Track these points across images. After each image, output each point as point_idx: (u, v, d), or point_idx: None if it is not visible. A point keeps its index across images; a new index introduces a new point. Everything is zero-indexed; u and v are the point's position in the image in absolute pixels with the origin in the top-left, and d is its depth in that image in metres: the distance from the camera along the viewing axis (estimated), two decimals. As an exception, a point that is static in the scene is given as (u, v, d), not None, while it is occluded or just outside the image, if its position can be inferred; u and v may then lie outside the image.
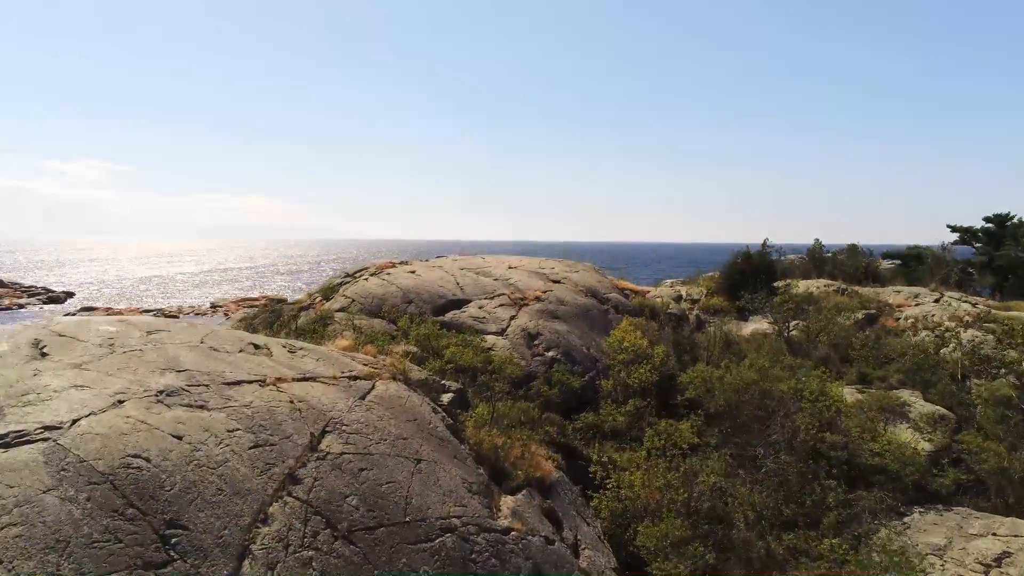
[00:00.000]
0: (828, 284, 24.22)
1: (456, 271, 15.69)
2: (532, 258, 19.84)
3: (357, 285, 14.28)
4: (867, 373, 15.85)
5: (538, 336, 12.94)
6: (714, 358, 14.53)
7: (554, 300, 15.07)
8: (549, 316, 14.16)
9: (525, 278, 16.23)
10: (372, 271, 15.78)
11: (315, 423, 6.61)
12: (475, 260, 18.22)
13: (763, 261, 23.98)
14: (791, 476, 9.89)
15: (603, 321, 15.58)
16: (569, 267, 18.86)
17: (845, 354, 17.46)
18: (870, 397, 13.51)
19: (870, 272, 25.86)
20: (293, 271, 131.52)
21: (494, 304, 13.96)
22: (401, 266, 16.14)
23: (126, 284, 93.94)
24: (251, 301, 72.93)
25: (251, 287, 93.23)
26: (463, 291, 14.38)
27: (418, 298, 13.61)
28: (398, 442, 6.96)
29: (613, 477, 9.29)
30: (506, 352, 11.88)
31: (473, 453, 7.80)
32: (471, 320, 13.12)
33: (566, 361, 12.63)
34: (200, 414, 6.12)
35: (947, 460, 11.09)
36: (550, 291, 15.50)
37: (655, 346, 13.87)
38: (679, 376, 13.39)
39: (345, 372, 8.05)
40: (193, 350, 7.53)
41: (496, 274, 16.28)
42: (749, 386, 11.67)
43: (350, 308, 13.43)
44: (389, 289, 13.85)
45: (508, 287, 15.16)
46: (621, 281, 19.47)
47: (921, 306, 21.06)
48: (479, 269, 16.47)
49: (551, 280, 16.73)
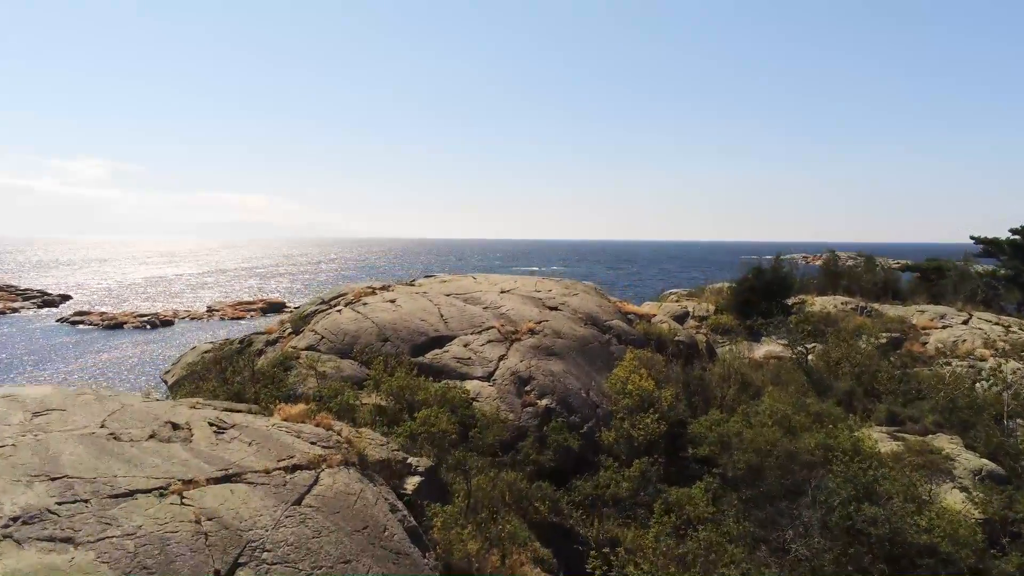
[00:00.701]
0: (846, 302, 22.54)
1: (441, 299, 14.06)
2: (528, 278, 18.21)
3: (329, 319, 12.65)
4: (897, 412, 14.21)
5: (530, 380, 11.32)
6: (728, 400, 12.90)
7: (550, 332, 13.44)
8: (544, 353, 12.53)
9: (518, 305, 14.60)
10: (349, 298, 14.16)
11: (224, 554, 5.00)
12: (465, 282, 16.59)
13: (776, 277, 22.32)
14: (826, 565, 8.29)
15: (605, 354, 13.94)
16: (568, 289, 17.23)
17: (870, 386, 15.82)
18: (907, 448, 11.86)
19: (889, 287, 24.16)
20: (292, 272, 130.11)
21: (482, 340, 12.34)
22: (381, 293, 14.50)
23: (123, 286, 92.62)
24: (247, 304, 71.56)
25: (249, 289, 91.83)
26: (447, 325, 12.76)
27: (395, 335, 11.99)
28: (338, 569, 5.37)
29: (615, 570, 7.71)
30: (492, 404, 10.27)
31: (440, 564, 6.23)
32: (454, 362, 11.50)
33: (562, 409, 11.02)
34: (60, 556, 4.52)
35: (1007, 537, 9.46)
36: (546, 321, 13.87)
37: (662, 388, 12.26)
38: (690, 423, 11.79)
39: (283, 460, 6.45)
40: (85, 441, 5.92)
41: (486, 301, 14.65)
42: (772, 445, 10.07)
43: (319, 346, 11.82)
44: (363, 325, 12.23)
45: (499, 318, 13.54)
46: (624, 304, 17.82)
47: (949, 329, 19.38)
48: (467, 296, 14.83)
49: (547, 307, 15.10)
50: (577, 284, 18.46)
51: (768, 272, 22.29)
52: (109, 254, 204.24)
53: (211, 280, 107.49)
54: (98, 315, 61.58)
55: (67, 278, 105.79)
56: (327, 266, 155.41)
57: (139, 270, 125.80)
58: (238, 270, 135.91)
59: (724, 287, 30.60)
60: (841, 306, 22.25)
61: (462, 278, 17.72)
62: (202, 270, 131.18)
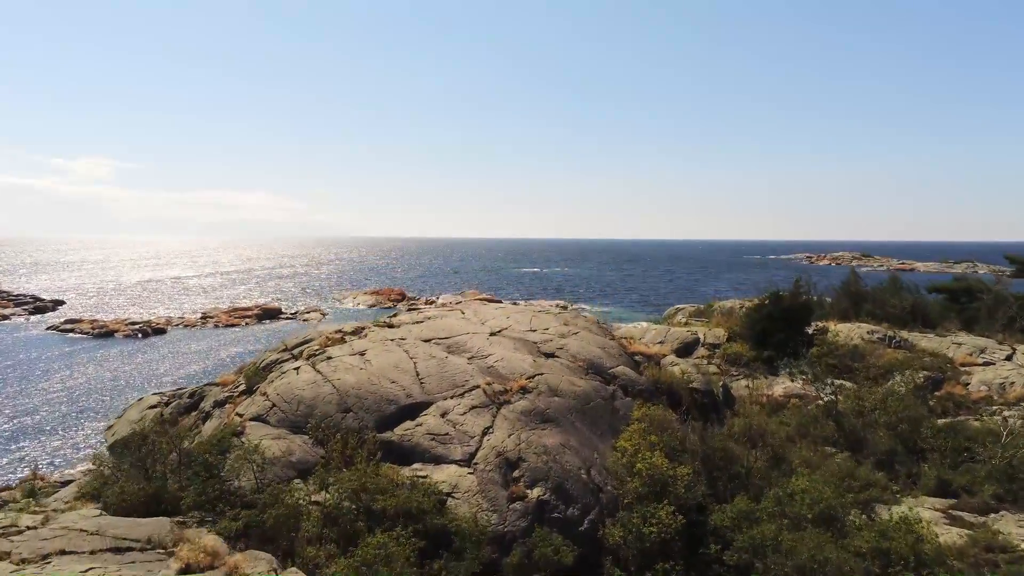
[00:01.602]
0: (872, 330, 20.44)
1: (420, 349, 12.02)
2: (524, 312, 16.19)
3: (284, 380, 10.62)
4: (949, 480, 12.18)
5: (519, 463, 9.30)
6: (756, 475, 10.85)
7: (545, 389, 11.42)
8: (537, 419, 10.51)
9: (509, 353, 12.58)
10: (314, 347, 12.14)
11: None
12: (450, 321, 14.54)
13: (795, 304, 20.20)
14: None
15: (608, 414, 11.92)
16: (567, 326, 15.20)
17: (912, 442, 13.78)
18: (972, 541, 9.83)
19: (918, 312, 22.04)
20: (290, 274, 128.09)
21: (463, 406, 10.32)
22: (351, 340, 12.47)
23: (118, 290, 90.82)
24: (243, 311, 69.66)
25: (246, 293, 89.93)
26: (423, 386, 10.74)
27: (359, 405, 9.99)
28: None
29: None
30: (471, 502, 8.25)
31: None
32: (427, 440, 9.49)
33: (557, 500, 9.00)
34: None
35: None
36: (540, 375, 11.84)
37: (677, 462, 10.25)
38: (711, 510, 9.79)
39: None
40: None
41: (473, 348, 12.63)
42: (817, 553, 8.06)
43: (268, 417, 9.83)
44: (322, 390, 10.22)
45: (485, 373, 11.52)
46: (630, 342, 15.78)
47: (992, 367, 17.28)
48: (451, 342, 12.81)
49: (542, 354, 13.08)
50: (578, 319, 16.43)
51: (786, 298, 20.18)
52: (107, 255, 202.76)
53: (207, 283, 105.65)
54: (89, 323, 59.74)
55: (62, 281, 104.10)
56: (326, 268, 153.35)
57: (135, 273, 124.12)
58: (235, 272, 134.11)
59: (735, 307, 28.54)
60: (867, 336, 20.15)
61: (448, 313, 15.70)
62: (199, 272, 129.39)
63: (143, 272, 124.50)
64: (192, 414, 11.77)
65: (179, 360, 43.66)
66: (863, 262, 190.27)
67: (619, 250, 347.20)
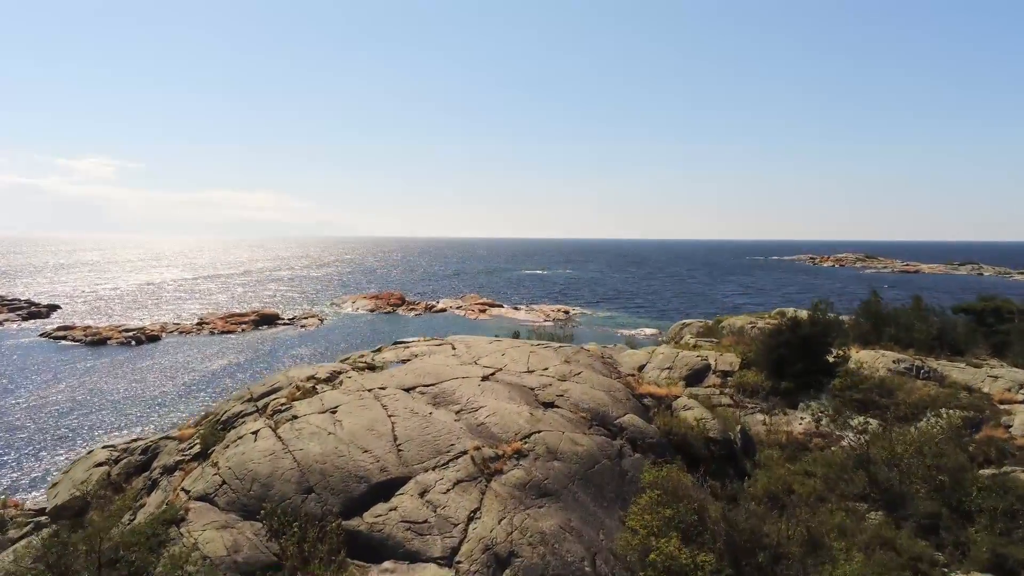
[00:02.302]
0: (898, 359, 18.83)
1: (400, 404, 10.46)
2: (521, 347, 14.65)
3: (238, 451, 9.05)
4: (1006, 555, 10.64)
5: (511, 559, 7.76)
6: (789, 560, 9.30)
7: (543, 452, 9.88)
8: (533, 495, 8.96)
9: (503, 404, 11.04)
10: (281, 400, 10.60)
11: None
12: (439, 360, 12.99)
13: (815, 331, 18.59)
14: None
15: (616, 479, 10.36)
16: (568, 364, 13.65)
17: (957, 500, 12.21)
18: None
19: (945, 338, 20.41)
20: (289, 276, 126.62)
21: (447, 481, 8.77)
22: (322, 390, 10.92)
23: (115, 294, 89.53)
24: (239, 317, 68.23)
25: (245, 296, 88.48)
26: (401, 453, 9.19)
27: (324, 483, 8.44)
28: None
29: None
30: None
31: None
32: (402, 529, 7.95)
33: (556, 607, 7.49)
34: None
35: None
36: (537, 433, 10.30)
37: (697, 550, 8.72)
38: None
39: None
40: None
41: (461, 397, 11.09)
42: None
43: (216, 497, 8.31)
44: (281, 464, 8.67)
45: (474, 433, 9.98)
46: (639, 383, 14.21)
47: (1035, 405, 15.67)
48: (438, 390, 11.25)
49: (541, 403, 11.53)
50: (580, 354, 14.87)
51: (805, 323, 18.57)
52: (107, 256, 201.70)
53: (206, 286, 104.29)
54: (82, 330, 58.35)
55: (60, 284, 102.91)
56: (327, 270, 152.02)
57: (133, 275, 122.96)
58: (235, 274, 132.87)
59: (745, 326, 26.93)
60: (893, 365, 18.55)
61: (438, 349, 14.16)
62: (198, 274, 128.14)
63: (142, 274, 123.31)
64: (142, 475, 10.27)
65: (169, 372, 42.20)
66: (867, 263, 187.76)
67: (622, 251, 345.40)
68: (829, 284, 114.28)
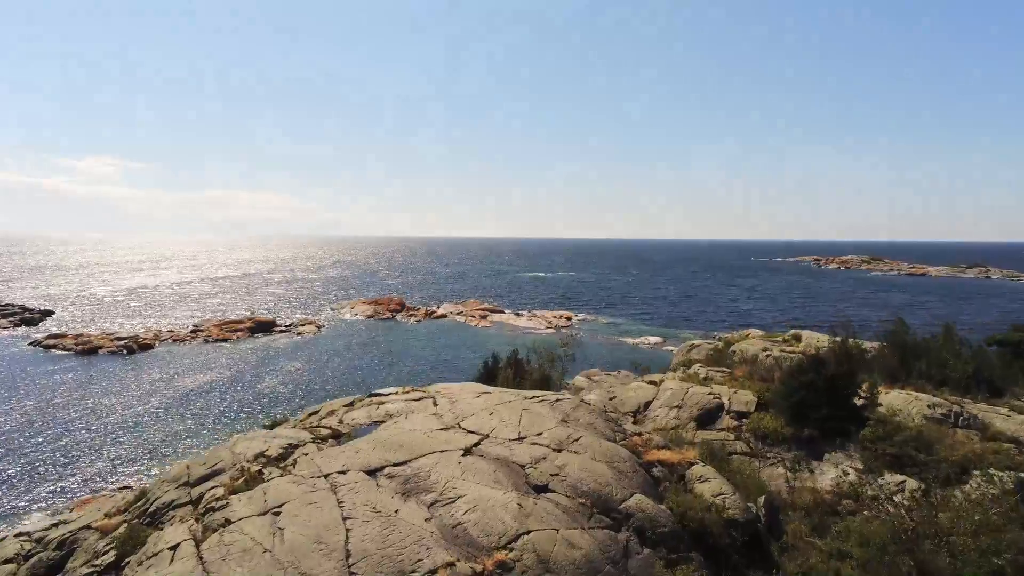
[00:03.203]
0: (933, 403, 16.89)
1: (361, 495, 8.57)
2: (514, 400, 12.78)
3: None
4: None
5: None
6: None
7: (532, 563, 7.98)
8: (518, 631, 7.11)
9: (486, 489, 9.16)
10: (219, 493, 8.74)
11: None
12: (413, 429, 11.08)
13: (840, 372, 16.64)
14: None
15: (621, 590, 8.49)
16: (566, 425, 11.77)
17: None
18: None
19: (981, 376, 18.43)
20: (288, 279, 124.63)
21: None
22: (271, 477, 9.00)
23: (111, 297, 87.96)
24: (235, 324, 66.50)
25: (242, 300, 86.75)
26: None
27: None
28: None
29: None
30: None
31: None
32: None
33: None
34: None
35: None
36: (527, 533, 8.44)
37: None
38: None
39: None
40: None
41: (437, 481, 9.21)
42: None
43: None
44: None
45: (448, 538, 8.11)
46: (647, 448, 12.30)
47: (1097, 466, 13.70)
48: (410, 471, 9.36)
49: (532, 486, 9.67)
50: (580, 410, 12.98)
51: (831, 363, 16.63)
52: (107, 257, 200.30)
53: (203, 289, 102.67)
54: (73, 338, 56.75)
55: (58, 286, 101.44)
56: (327, 272, 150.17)
57: (132, 278, 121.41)
58: (234, 276, 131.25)
59: (758, 355, 24.99)
60: (928, 411, 16.60)
61: (417, 406, 12.28)
62: (197, 276, 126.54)
63: (140, 277, 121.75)
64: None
65: (158, 385, 40.48)
66: (872, 266, 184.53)
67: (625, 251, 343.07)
68: (836, 288, 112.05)
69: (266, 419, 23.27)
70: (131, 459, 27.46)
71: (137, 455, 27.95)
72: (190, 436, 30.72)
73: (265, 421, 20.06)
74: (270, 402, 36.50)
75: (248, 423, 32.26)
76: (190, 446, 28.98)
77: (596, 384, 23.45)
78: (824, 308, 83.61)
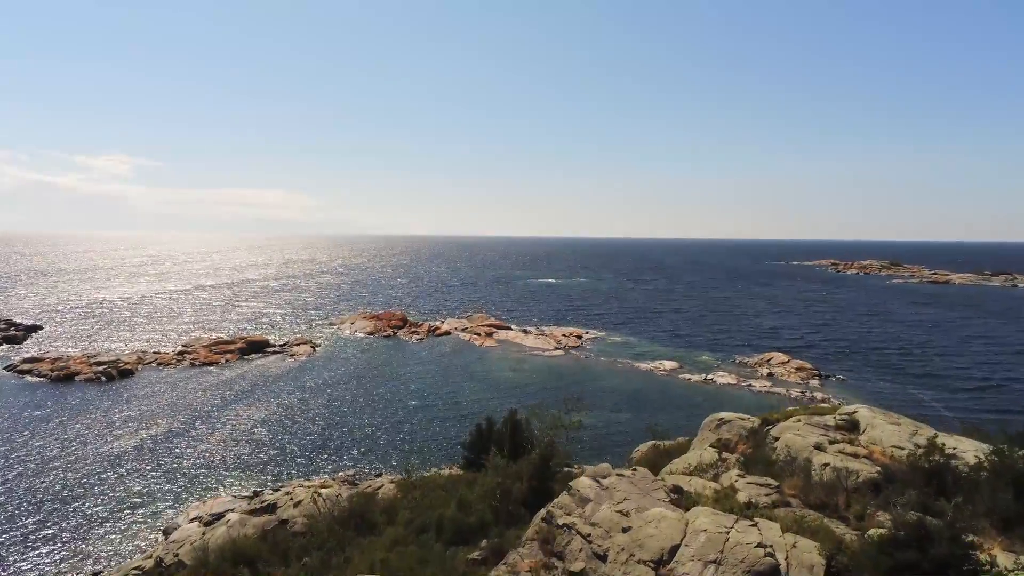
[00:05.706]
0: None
1: None
2: None
3: None
4: None
5: None
6: None
7: None
8: None
9: None
10: None
11: None
12: None
13: (953, 551, 11.60)
14: None
15: None
16: None
17: None
18: None
19: None
20: (286, 287, 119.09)
21: None
22: None
23: (101, 310, 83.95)
24: (225, 345, 61.93)
25: (236, 313, 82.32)
26: None
27: None
28: None
29: None
30: None
31: None
32: None
33: None
34: None
35: None
36: None
37: None
38: None
39: None
40: None
41: None
42: None
43: None
44: None
45: None
46: None
47: None
48: None
49: None
50: None
51: (941, 540, 11.58)
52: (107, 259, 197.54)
53: (198, 298, 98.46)
54: (50, 363, 52.79)
55: (51, 294, 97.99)
56: (329, 277, 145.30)
57: (130, 285, 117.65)
58: (232, 283, 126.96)
59: (810, 459, 19.73)
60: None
61: None
62: (194, 284, 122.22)
63: (137, 285, 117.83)
64: None
65: (126, 426, 36.04)
66: (893, 271, 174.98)
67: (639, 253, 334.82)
68: (861, 299, 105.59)
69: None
70: (54, 538, 23.01)
71: (69, 532, 23.45)
72: (144, 502, 26.46)
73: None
74: (236, 459, 31.96)
75: (213, 480, 28.07)
76: (143, 517, 24.88)
77: (606, 493, 18.43)
78: (853, 326, 77.60)
